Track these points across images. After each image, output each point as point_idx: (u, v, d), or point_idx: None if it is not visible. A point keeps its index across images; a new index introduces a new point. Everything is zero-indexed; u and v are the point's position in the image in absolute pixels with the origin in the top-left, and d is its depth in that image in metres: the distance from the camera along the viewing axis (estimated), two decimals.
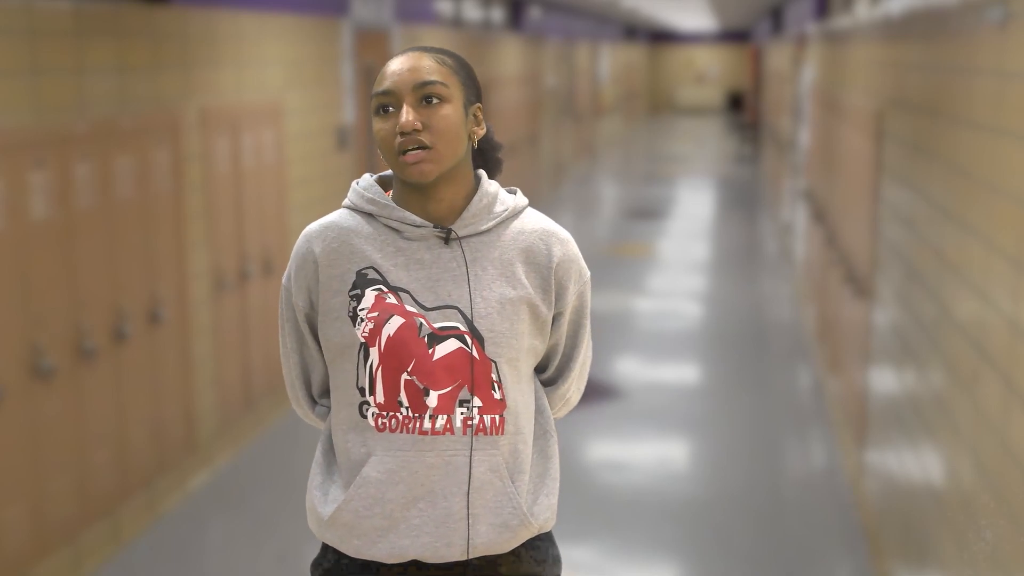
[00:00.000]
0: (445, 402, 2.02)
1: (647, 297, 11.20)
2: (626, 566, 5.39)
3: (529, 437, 2.10)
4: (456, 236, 2.05)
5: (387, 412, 2.03)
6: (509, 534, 2.06)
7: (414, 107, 2.01)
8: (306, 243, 2.10)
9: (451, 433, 2.02)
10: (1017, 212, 3.19)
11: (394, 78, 2.02)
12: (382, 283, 2.04)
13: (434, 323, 2.03)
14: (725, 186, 20.47)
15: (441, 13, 11.42)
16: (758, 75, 26.46)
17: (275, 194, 7.13)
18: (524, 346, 2.07)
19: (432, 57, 2.05)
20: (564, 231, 2.15)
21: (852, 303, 6.54)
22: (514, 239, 2.09)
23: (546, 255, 2.09)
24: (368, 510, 2.03)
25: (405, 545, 2.03)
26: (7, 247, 4.63)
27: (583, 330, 2.17)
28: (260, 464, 6.58)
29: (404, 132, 1.99)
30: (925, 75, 4.85)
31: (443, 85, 2.02)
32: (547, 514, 2.13)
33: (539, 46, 17.64)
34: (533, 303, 2.07)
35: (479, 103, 2.10)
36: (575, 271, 2.12)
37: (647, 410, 7.63)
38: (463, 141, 2.05)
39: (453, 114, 2.03)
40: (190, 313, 6.11)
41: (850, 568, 5.42)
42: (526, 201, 2.16)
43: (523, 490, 2.08)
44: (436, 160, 2.01)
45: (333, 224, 2.10)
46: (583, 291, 2.15)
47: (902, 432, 4.81)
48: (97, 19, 5.28)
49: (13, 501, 4.73)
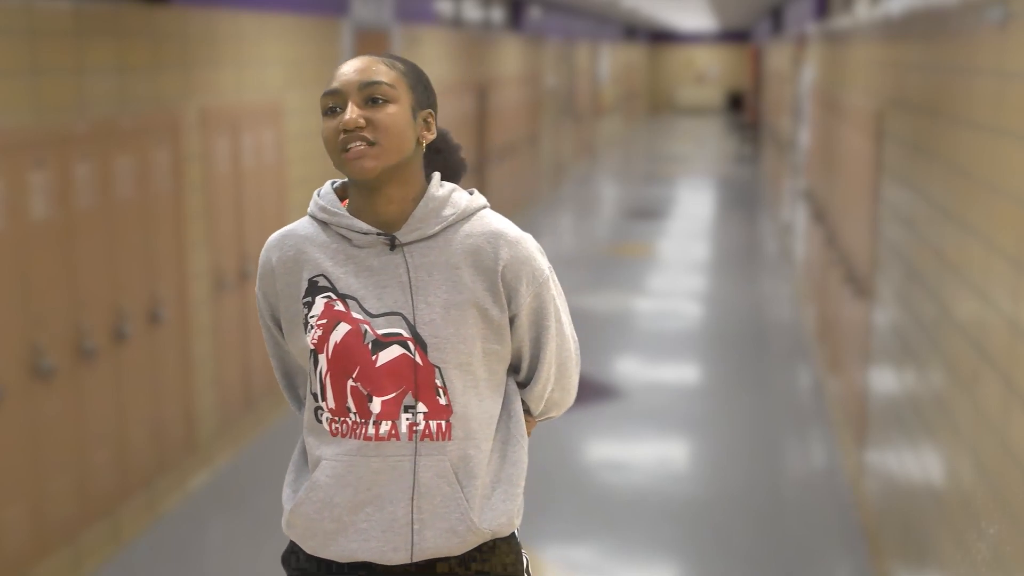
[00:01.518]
0: (389, 408, 2.04)
1: (647, 297, 11.20)
2: (626, 566, 5.39)
3: (483, 442, 2.07)
4: (400, 243, 2.06)
5: (339, 417, 2.07)
6: (457, 539, 2.05)
7: (359, 106, 2.02)
8: (266, 253, 2.15)
9: (396, 439, 2.04)
10: (1017, 212, 3.19)
11: (341, 79, 2.04)
12: (331, 290, 2.06)
13: (379, 329, 2.04)
14: (725, 186, 20.47)
15: (441, 13, 11.42)
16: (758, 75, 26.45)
17: (275, 194, 7.13)
18: (475, 351, 2.05)
19: (381, 61, 2.07)
20: (517, 232, 2.11)
21: (852, 303, 6.54)
22: (461, 242, 2.07)
23: (492, 257, 2.06)
24: (318, 513, 2.07)
25: (354, 548, 2.06)
26: (7, 247, 4.63)
27: (547, 331, 2.12)
28: (260, 464, 6.58)
29: (347, 129, 2.00)
30: (925, 75, 4.85)
31: (389, 86, 2.03)
32: (501, 520, 2.09)
33: (539, 46, 17.64)
34: (482, 307, 2.06)
35: (431, 110, 2.11)
36: (526, 272, 2.08)
37: (647, 410, 7.63)
38: (408, 142, 2.05)
39: (398, 113, 2.03)
40: (190, 313, 6.11)
41: (850, 568, 5.42)
42: (482, 202, 2.13)
43: (475, 496, 2.06)
44: (377, 156, 2.01)
45: (291, 233, 2.13)
46: (540, 292, 2.10)
47: (902, 432, 4.81)
48: (97, 19, 5.28)
49: (13, 501, 4.73)
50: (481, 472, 2.07)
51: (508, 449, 2.12)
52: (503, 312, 2.08)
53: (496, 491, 2.09)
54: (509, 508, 2.10)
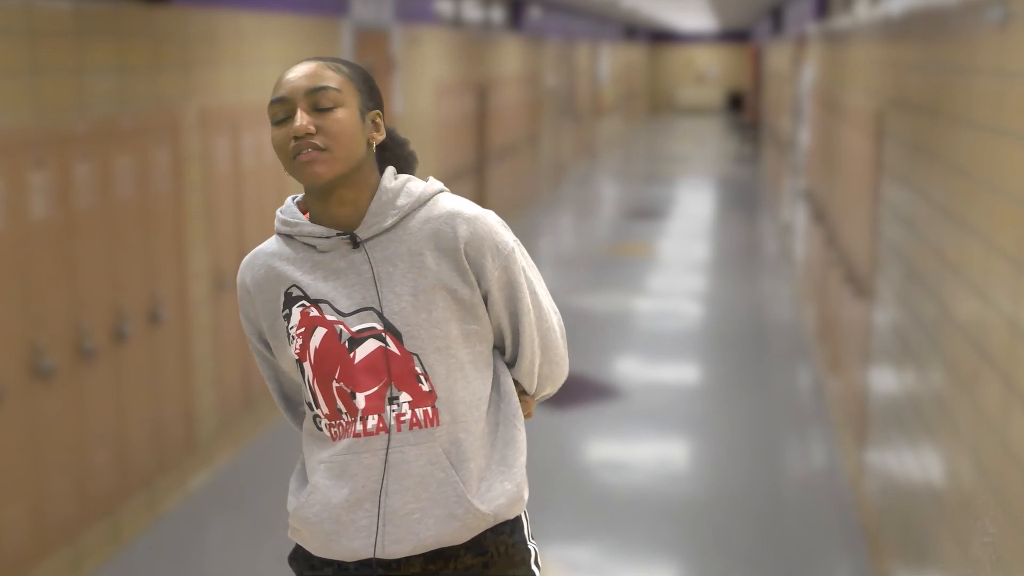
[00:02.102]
0: (373, 402, 2.05)
1: (647, 297, 11.20)
2: (626, 566, 5.39)
3: (472, 425, 2.07)
4: (360, 240, 2.07)
5: (335, 421, 2.08)
6: (457, 523, 2.05)
7: (307, 112, 2.02)
8: (240, 277, 2.17)
9: (384, 432, 2.05)
10: (1017, 212, 3.19)
11: (288, 86, 2.04)
12: (304, 298, 2.08)
13: (352, 327, 2.05)
14: (725, 186, 20.47)
15: (441, 13, 11.42)
16: (758, 75, 26.46)
17: (275, 194, 7.13)
18: (451, 333, 2.06)
19: (326, 65, 2.07)
20: (475, 208, 2.10)
21: (852, 303, 6.54)
22: (420, 228, 2.07)
23: (452, 236, 2.06)
24: (317, 516, 2.08)
25: (356, 547, 2.07)
26: (7, 247, 4.63)
27: (521, 303, 2.11)
28: (260, 464, 6.58)
29: (297, 136, 2.01)
30: (925, 75, 4.85)
31: (336, 91, 2.03)
32: (501, 500, 2.08)
33: (539, 46, 17.64)
34: (450, 287, 2.06)
35: (378, 110, 2.11)
36: (488, 247, 2.07)
37: (647, 410, 7.63)
38: (359, 145, 2.05)
39: (347, 118, 2.03)
40: (190, 313, 6.11)
41: (850, 568, 5.43)
42: (438, 187, 2.13)
43: (471, 478, 2.06)
44: (329, 161, 2.01)
45: (259, 252, 2.16)
46: (507, 264, 2.09)
47: (902, 432, 4.81)
48: (97, 19, 5.28)
49: (13, 501, 4.73)
50: (474, 455, 2.07)
51: (501, 429, 2.11)
52: (474, 291, 2.08)
53: (492, 472, 2.09)
54: (508, 488, 2.09)
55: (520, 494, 2.11)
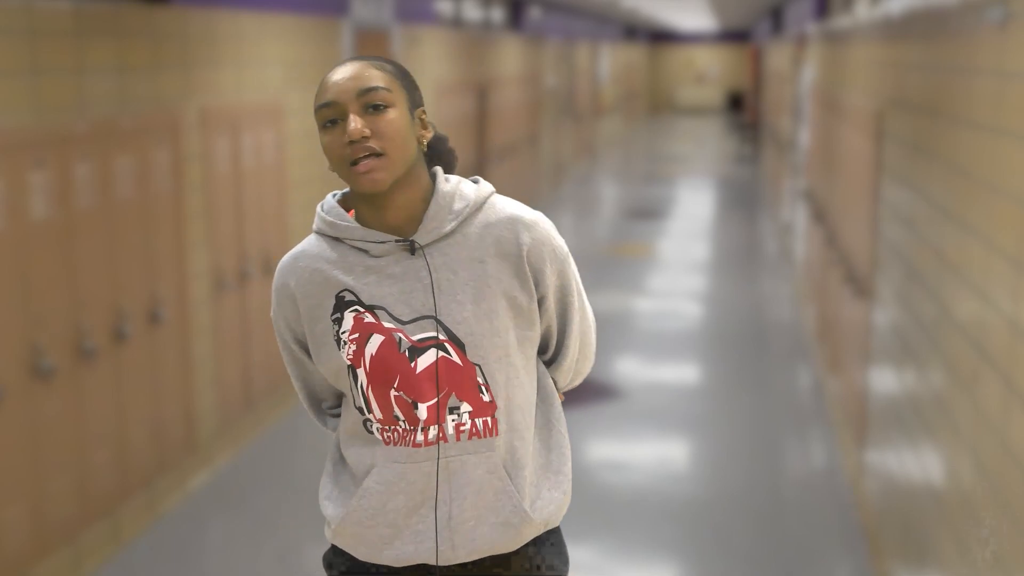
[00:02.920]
0: (434, 413, 2.03)
1: (647, 297, 11.20)
2: (626, 566, 5.39)
3: (526, 432, 2.08)
4: (419, 245, 2.04)
5: (389, 426, 2.05)
6: (512, 531, 2.05)
7: (360, 115, 1.99)
8: (281, 278, 2.11)
9: (444, 441, 2.03)
10: (1017, 212, 3.19)
11: (336, 88, 2.00)
12: (358, 303, 2.04)
13: (412, 336, 2.02)
14: (725, 186, 20.47)
15: (441, 13, 11.42)
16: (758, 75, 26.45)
17: (275, 194, 7.14)
18: (511, 341, 2.05)
19: (371, 64, 2.03)
20: (531, 213, 2.10)
21: (852, 303, 6.54)
22: (481, 235, 2.06)
23: (515, 243, 2.05)
24: (371, 519, 2.06)
25: (410, 551, 2.05)
26: (7, 247, 4.63)
27: (571, 307, 2.13)
28: (260, 464, 6.58)
29: (353, 140, 1.97)
30: (925, 75, 4.85)
31: (386, 90, 2.00)
32: (550, 508, 2.09)
33: (539, 46, 17.64)
34: (510, 295, 2.05)
35: (422, 107, 2.09)
36: (547, 252, 2.08)
37: (647, 410, 7.63)
38: (412, 145, 2.03)
39: (399, 118, 2.01)
40: (190, 313, 6.11)
41: (850, 568, 5.42)
42: (489, 189, 2.12)
43: (524, 486, 2.06)
44: (388, 167, 1.99)
45: (303, 254, 2.10)
46: (562, 269, 2.10)
47: (902, 432, 4.81)
48: (97, 19, 5.28)
49: (13, 501, 4.73)
50: (528, 461, 2.07)
51: (549, 436, 2.12)
52: (532, 297, 2.07)
53: (543, 480, 2.09)
54: (557, 497, 2.10)
55: (567, 500, 2.13)
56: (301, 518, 5.73)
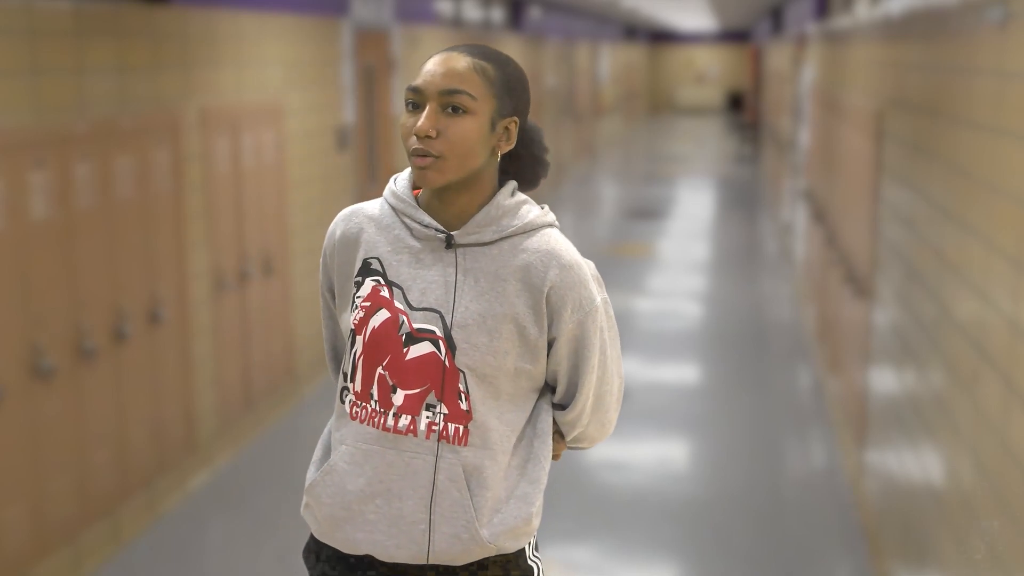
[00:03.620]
0: (411, 403, 2.02)
1: (647, 297, 11.20)
2: (626, 566, 5.39)
3: (500, 455, 2.03)
4: (455, 243, 2.04)
5: (360, 402, 2.06)
6: (460, 547, 2.02)
7: (435, 112, 1.98)
8: (333, 226, 2.15)
9: (414, 435, 2.02)
10: (1017, 212, 3.19)
11: (426, 77, 1.99)
12: (381, 275, 2.06)
13: (415, 323, 2.03)
14: (725, 186, 20.47)
15: (441, 13, 11.42)
16: (758, 75, 26.45)
17: (275, 194, 7.13)
18: (505, 366, 2.02)
19: (471, 62, 2.00)
20: (574, 256, 2.06)
21: (852, 303, 6.54)
22: (514, 256, 2.03)
23: (541, 277, 2.03)
24: (331, 498, 2.06)
25: (359, 539, 2.05)
26: (7, 247, 4.63)
27: (587, 362, 2.07)
28: (260, 464, 6.58)
29: (418, 136, 1.98)
30: (925, 75, 4.85)
31: (470, 97, 1.97)
32: (508, 535, 2.04)
33: (539, 46, 17.64)
34: (520, 323, 2.02)
35: (515, 117, 2.04)
36: (573, 298, 2.04)
37: (647, 410, 7.63)
38: (478, 156, 2.00)
39: (472, 129, 1.98)
40: (190, 313, 6.11)
41: (850, 568, 5.42)
42: (550, 220, 2.09)
43: (484, 506, 2.02)
44: (441, 170, 1.98)
45: (360, 211, 2.13)
46: (584, 320, 2.05)
47: (902, 432, 4.81)
48: (97, 19, 5.28)
49: (13, 501, 4.73)
50: (494, 485, 2.03)
51: (528, 467, 2.08)
52: (542, 334, 2.04)
53: (508, 506, 2.05)
54: (517, 526, 2.05)
55: (529, 529, 2.07)
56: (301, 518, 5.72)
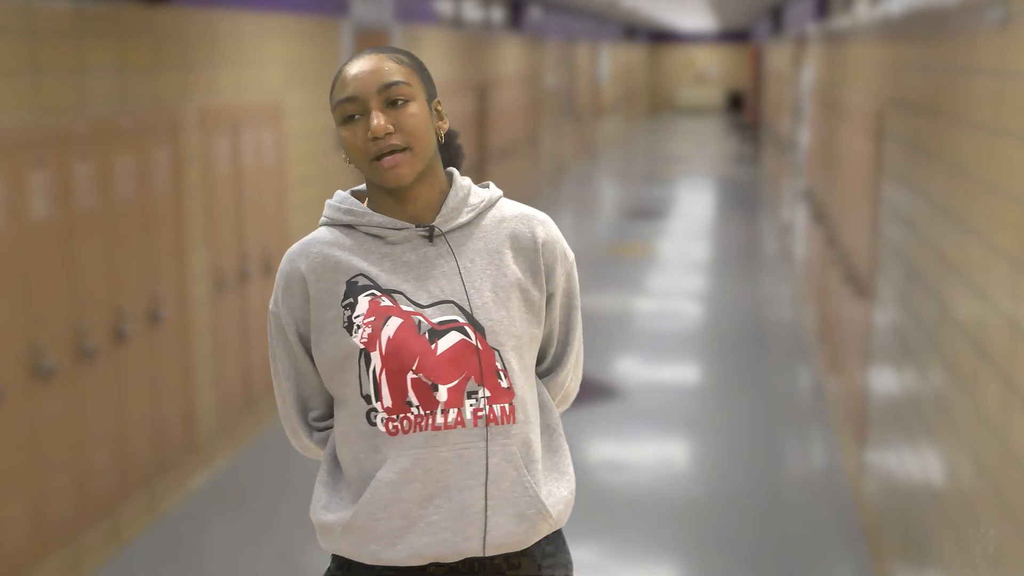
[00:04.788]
0: (454, 395, 2.00)
1: (647, 297, 11.20)
2: (626, 566, 5.39)
3: (538, 427, 2.08)
4: (440, 232, 2.05)
5: (397, 415, 2.00)
6: (527, 524, 2.02)
7: (382, 110, 1.99)
8: (290, 263, 2.08)
9: (462, 426, 2.00)
10: (1017, 212, 3.19)
11: (356, 83, 1.99)
12: (374, 288, 2.03)
13: (433, 319, 2.01)
14: (725, 186, 20.47)
15: (441, 13, 11.42)
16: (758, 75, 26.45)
17: (275, 194, 7.13)
18: (523, 333, 2.06)
19: (389, 57, 2.03)
20: (542, 214, 2.15)
21: (852, 303, 6.54)
22: (497, 227, 2.09)
23: (531, 238, 2.09)
24: (384, 511, 2.00)
25: (424, 544, 1.99)
26: (7, 247, 4.63)
27: (575, 312, 2.15)
28: (260, 464, 6.58)
29: (377, 137, 1.97)
30: (925, 75, 4.85)
31: (407, 84, 2.01)
32: (561, 506, 2.08)
33: (539, 46, 17.64)
34: (524, 287, 2.07)
35: (437, 97, 2.10)
36: (559, 251, 2.12)
37: (647, 410, 7.63)
38: (433, 139, 2.05)
39: (420, 112, 2.02)
40: (190, 313, 6.11)
41: (850, 568, 5.42)
42: (500, 192, 2.17)
43: (538, 479, 2.04)
44: (412, 162, 2.00)
45: (314, 240, 2.08)
46: (570, 271, 2.14)
47: (902, 432, 4.81)
48: (97, 19, 5.28)
49: (13, 501, 4.73)
50: (539, 456, 2.06)
51: (551, 440, 2.11)
52: (542, 293, 2.09)
53: (549, 479, 2.08)
54: (565, 495, 2.09)
55: (572, 501, 2.12)
56: (301, 518, 5.71)
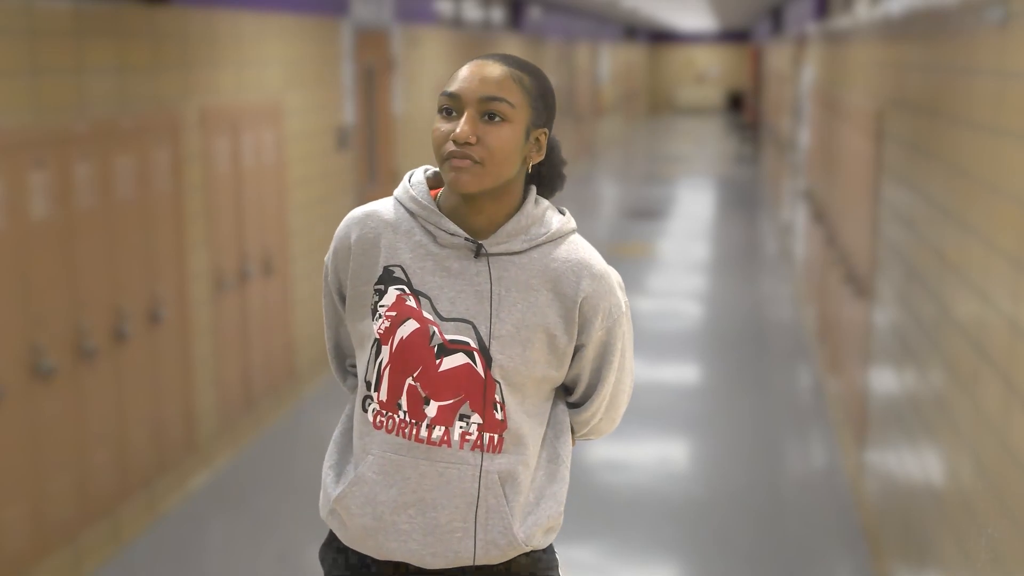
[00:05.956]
0: (444, 414, 2.01)
1: (647, 297, 11.20)
2: (626, 566, 5.39)
3: (531, 460, 2.06)
4: (485, 252, 2.02)
5: (386, 412, 2.03)
6: (497, 552, 2.04)
7: (474, 119, 1.97)
8: (346, 228, 2.10)
9: (448, 446, 2.01)
10: (1017, 212, 3.19)
11: (463, 83, 1.99)
12: (406, 284, 2.03)
13: (446, 334, 2.01)
14: (725, 186, 20.47)
15: (441, 13, 11.42)
16: (758, 75, 26.45)
17: (275, 194, 7.13)
18: (535, 375, 2.03)
19: (509, 72, 2.00)
20: (602, 265, 2.08)
21: (852, 303, 6.54)
22: (545, 265, 2.04)
23: (574, 287, 2.04)
24: (360, 509, 2.05)
25: (392, 548, 2.04)
26: (7, 247, 4.63)
27: (609, 366, 2.10)
28: (260, 464, 6.58)
29: (457, 142, 1.96)
30: (925, 75, 4.85)
31: (509, 105, 1.98)
32: (539, 532, 2.08)
33: (539, 46, 17.64)
34: (551, 333, 2.03)
35: (546, 128, 2.06)
36: (604, 307, 2.05)
37: (647, 410, 7.63)
38: (513, 165, 2.01)
39: (511, 137, 1.99)
40: (190, 313, 6.11)
41: (850, 568, 5.42)
42: (572, 226, 2.11)
43: (518, 510, 2.05)
44: (479, 175, 1.97)
45: (375, 214, 2.09)
46: (612, 327, 2.07)
47: (902, 432, 4.81)
48: (97, 19, 5.28)
49: (13, 501, 4.73)
50: (526, 488, 2.06)
51: (554, 468, 2.10)
52: (571, 341, 2.05)
53: (540, 506, 2.08)
54: (547, 522, 2.09)
55: (556, 526, 2.11)
56: (301, 518, 5.73)
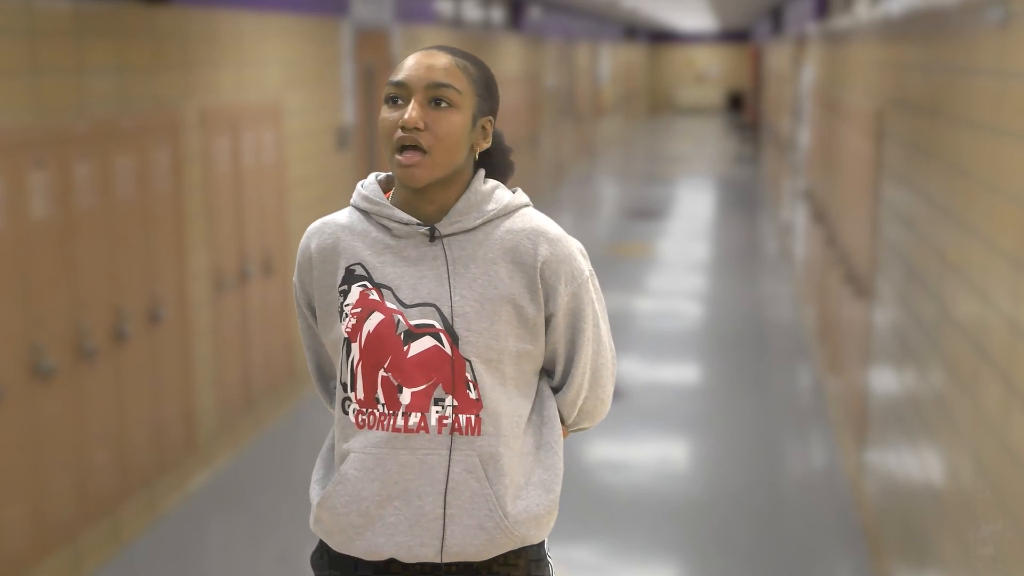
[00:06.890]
0: (419, 400, 2.02)
1: (647, 297, 11.20)
2: (626, 566, 5.39)
3: (512, 441, 2.05)
4: (440, 234, 2.04)
5: (366, 409, 2.04)
6: (485, 536, 2.02)
7: (422, 105, 2.00)
8: (306, 240, 2.14)
9: (425, 431, 2.01)
10: (1017, 212, 3.19)
11: (409, 72, 2.01)
12: (367, 279, 2.05)
13: (411, 320, 2.02)
14: (725, 186, 20.47)
15: (441, 13, 11.42)
16: (758, 75, 26.45)
17: (275, 194, 7.13)
18: (507, 348, 2.03)
19: (454, 60, 2.03)
20: (557, 230, 2.08)
21: (852, 303, 6.54)
22: (501, 238, 2.05)
23: (532, 254, 2.04)
24: (345, 507, 2.05)
25: (381, 543, 2.04)
26: (7, 247, 4.63)
27: (582, 334, 2.09)
28: (260, 464, 6.58)
29: (405, 128, 1.98)
30: (925, 75, 4.85)
31: (456, 91, 2.01)
32: (531, 524, 2.06)
33: (539, 46, 17.64)
34: (517, 304, 2.03)
35: (491, 116, 2.09)
36: (565, 271, 2.05)
37: (647, 410, 7.63)
38: (462, 151, 2.03)
39: (458, 122, 2.01)
40: (190, 313, 6.11)
41: (850, 568, 5.43)
42: (524, 200, 2.12)
43: (505, 493, 2.03)
44: (429, 167, 1.99)
45: (331, 222, 2.12)
46: (578, 292, 2.07)
47: (902, 432, 4.81)
48: (97, 19, 5.28)
49: (13, 501, 4.73)
50: (511, 471, 2.04)
51: (541, 454, 2.09)
52: (539, 311, 2.05)
53: (528, 492, 2.07)
54: (540, 514, 2.07)
55: (551, 520, 2.10)
56: (301, 518, 5.71)
